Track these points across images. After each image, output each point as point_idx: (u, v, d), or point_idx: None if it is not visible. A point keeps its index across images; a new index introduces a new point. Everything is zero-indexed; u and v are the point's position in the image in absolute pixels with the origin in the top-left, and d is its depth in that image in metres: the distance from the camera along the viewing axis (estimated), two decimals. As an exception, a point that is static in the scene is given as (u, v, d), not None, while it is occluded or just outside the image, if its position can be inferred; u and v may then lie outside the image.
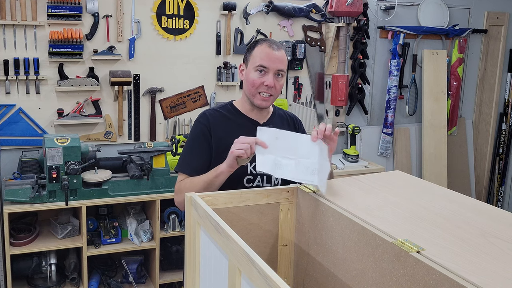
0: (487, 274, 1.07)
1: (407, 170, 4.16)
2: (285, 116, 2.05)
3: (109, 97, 3.25)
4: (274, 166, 1.62)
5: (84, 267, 2.91)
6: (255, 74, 1.85)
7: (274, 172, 1.63)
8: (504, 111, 4.63)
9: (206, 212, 1.39)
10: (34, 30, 3.02)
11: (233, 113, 1.95)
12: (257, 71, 1.85)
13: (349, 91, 3.90)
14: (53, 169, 2.73)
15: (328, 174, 1.64)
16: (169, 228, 3.08)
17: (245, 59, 1.93)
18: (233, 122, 1.92)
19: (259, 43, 1.88)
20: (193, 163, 1.86)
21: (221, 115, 1.94)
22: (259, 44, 1.88)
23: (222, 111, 1.95)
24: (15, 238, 2.80)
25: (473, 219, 1.37)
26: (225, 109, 1.97)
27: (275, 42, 1.91)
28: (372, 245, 1.29)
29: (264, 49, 1.85)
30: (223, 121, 1.92)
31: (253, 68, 1.86)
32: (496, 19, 4.42)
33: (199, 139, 1.89)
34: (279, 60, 1.85)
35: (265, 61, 1.84)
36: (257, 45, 1.88)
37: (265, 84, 1.85)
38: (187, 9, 3.35)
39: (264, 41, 1.89)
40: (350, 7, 3.62)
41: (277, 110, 2.03)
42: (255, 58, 1.86)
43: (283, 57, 1.88)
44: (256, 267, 1.06)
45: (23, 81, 3.04)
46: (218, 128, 1.89)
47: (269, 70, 1.84)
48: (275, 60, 1.84)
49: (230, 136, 1.76)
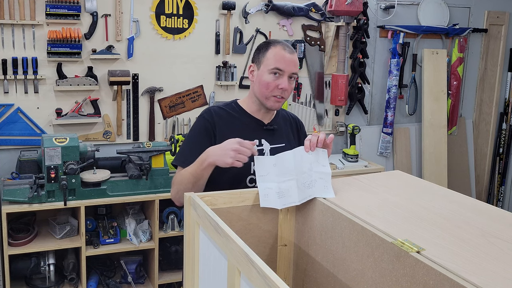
0: (488, 274, 1.06)
1: (407, 170, 4.15)
2: (288, 117, 2.05)
3: (107, 97, 3.25)
4: (277, 197, 1.61)
5: (83, 267, 2.90)
6: (270, 77, 1.83)
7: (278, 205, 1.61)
8: (504, 110, 4.63)
9: (205, 212, 1.38)
10: (32, 29, 3.01)
11: (238, 111, 1.94)
12: (271, 74, 1.83)
13: (348, 90, 3.89)
14: (51, 169, 2.72)
15: (330, 178, 1.62)
16: (168, 228, 3.07)
17: (257, 60, 1.89)
18: (238, 121, 1.91)
19: (272, 45, 1.86)
20: (192, 157, 1.83)
21: (226, 113, 1.92)
22: (273, 46, 1.85)
23: (227, 109, 1.94)
24: (13, 238, 2.79)
25: (473, 219, 1.37)
26: (230, 107, 1.95)
27: (288, 44, 1.89)
28: (371, 245, 1.29)
29: (279, 52, 1.83)
30: (228, 119, 1.90)
31: (267, 70, 1.84)
32: (496, 18, 4.42)
33: (201, 134, 1.88)
34: (293, 63, 1.84)
35: (281, 64, 1.82)
36: (271, 47, 1.85)
37: (280, 87, 1.83)
38: (186, 8, 3.34)
39: (277, 43, 1.87)
40: (349, 6, 3.61)
41: (280, 111, 2.03)
42: (269, 60, 1.83)
43: (297, 60, 1.87)
44: (255, 267, 1.06)
45: (21, 80, 3.04)
46: (223, 126, 1.88)
47: (284, 73, 1.83)
48: (290, 63, 1.83)
49: (235, 135, 1.75)
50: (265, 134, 1.90)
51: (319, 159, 1.66)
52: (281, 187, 1.62)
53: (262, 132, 1.91)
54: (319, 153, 1.66)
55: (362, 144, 4.09)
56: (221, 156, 1.68)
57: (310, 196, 1.59)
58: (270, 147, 1.89)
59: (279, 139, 1.92)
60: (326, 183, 1.61)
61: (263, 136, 1.90)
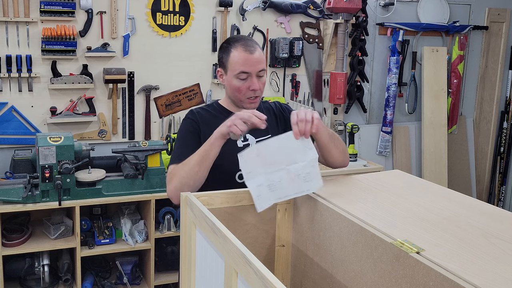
0: (488, 276, 1.05)
1: (407, 169, 4.14)
2: (270, 107, 2.01)
3: (103, 95, 3.23)
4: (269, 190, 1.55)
5: (78, 268, 2.88)
6: (238, 81, 1.83)
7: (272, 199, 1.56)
8: (505, 109, 4.61)
9: (201, 212, 1.39)
10: (26, 26, 3.00)
11: (219, 111, 1.94)
12: (239, 78, 1.82)
13: (347, 89, 3.87)
14: (46, 168, 2.71)
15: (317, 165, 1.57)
16: (164, 229, 3.06)
17: (222, 63, 1.88)
18: (221, 120, 1.87)
19: (233, 47, 1.83)
20: (187, 152, 1.79)
21: (209, 113, 1.93)
22: (234, 49, 1.82)
23: (209, 109, 1.95)
24: (7, 238, 2.77)
25: (473, 219, 1.36)
26: (211, 107, 1.96)
27: (249, 41, 1.85)
28: (371, 246, 1.28)
29: (241, 54, 1.80)
30: (211, 119, 1.89)
31: (234, 75, 1.83)
32: (497, 15, 4.40)
33: (190, 132, 1.87)
34: (258, 61, 1.82)
35: (246, 67, 1.81)
36: (232, 49, 1.83)
37: (250, 89, 1.83)
38: (182, 5, 3.32)
39: (237, 43, 1.83)
40: (348, 3, 3.59)
41: (261, 104, 2.01)
42: (233, 65, 1.82)
43: (261, 56, 1.84)
44: (252, 268, 1.06)
45: (15, 78, 3.02)
46: (206, 126, 1.87)
47: (252, 74, 1.82)
48: (255, 63, 1.82)
49: None
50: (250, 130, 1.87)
51: (305, 143, 1.58)
52: (271, 179, 1.55)
53: None
54: (304, 139, 1.58)
55: (361, 143, 4.07)
56: (227, 125, 1.67)
57: (309, 190, 1.56)
58: (256, 141, 1.87)
59: (264, 131, 1.85)
60: (318, 169, 1.56)
61: (248, 131, 1.86)
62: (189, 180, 1.71)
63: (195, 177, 1.71)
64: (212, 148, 1.70)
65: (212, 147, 1.70)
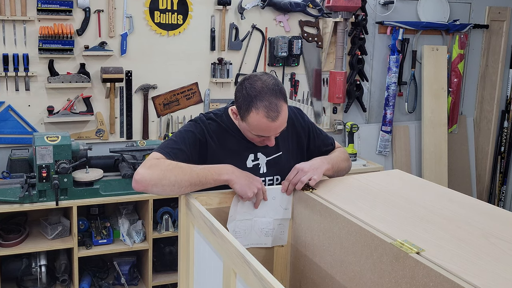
0: (489, 276, 1.06)
1: (407, 169, 4.13)
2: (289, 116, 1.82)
3: (100, 94, 3.21)
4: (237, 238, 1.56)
5: (75, 268, 2.87)
6: (254, 136, 1.70)
7: None
8: (506, 108, 4.59)
9: (200, 212, 1.39)
10: (23, 25, 2.98)
11: (229, 126, 1.79)
12: (255, 135, 1.70)
13: (347, 88, 3.86)
14: (43, 168, 2.69)
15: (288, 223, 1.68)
16: (162, 229, 3.04)
17: (239, 110, 1.68)
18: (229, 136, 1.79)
19: (254, 107, 1.61)
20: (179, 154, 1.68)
21: (218, 126, 1.78)
22: (255, 109, 1.61)
23: (218, 120, 1.80)
24: (4, 239, 2.76)
25: (474, 219, 1.36)
26: (221, 119, 1.80)
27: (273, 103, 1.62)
28: (370, 246, 1.28)
29: (262, 120, 1.62)
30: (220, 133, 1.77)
31: (250, 131, 1.69)
32: (497, 14, 4.39)
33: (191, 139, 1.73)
34: (279, 127, 1.67)
35: (265, 133, 1.67)
36: (253, 109, 1.62)
37: (265, 143, 1.74)
38: (180, 3, 3.30)
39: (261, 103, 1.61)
40: (348, 2, 3.58)
41: None
42: (251, 126, 1.65)
43: (284, 120, 1.66)
44: (251, 269, 1.07)
45: (12, 77, 3.00)
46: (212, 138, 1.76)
47: (270, 136, 1.71)
48: (276, 129, 1.67)
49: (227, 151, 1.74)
50: (260, 147, 1.79)
51: (284, 201, 1.67)
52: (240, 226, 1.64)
53: (256, 146, 1.79)
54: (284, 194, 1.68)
55: (360, 142, 4.06)
56: (244, 185, 1.59)
57: (265, 244, 1.67)
58: (266, 160, 1.79)
59: (275, 147, 1.79)
60: (283, 228, 1.67)
61: (258, 149, 1.78)
62: (169, 187, 1.56)
63: (177, 190, 1.57)
64: (213, 183, 1.60)
65: (213, 182, 1.60)
